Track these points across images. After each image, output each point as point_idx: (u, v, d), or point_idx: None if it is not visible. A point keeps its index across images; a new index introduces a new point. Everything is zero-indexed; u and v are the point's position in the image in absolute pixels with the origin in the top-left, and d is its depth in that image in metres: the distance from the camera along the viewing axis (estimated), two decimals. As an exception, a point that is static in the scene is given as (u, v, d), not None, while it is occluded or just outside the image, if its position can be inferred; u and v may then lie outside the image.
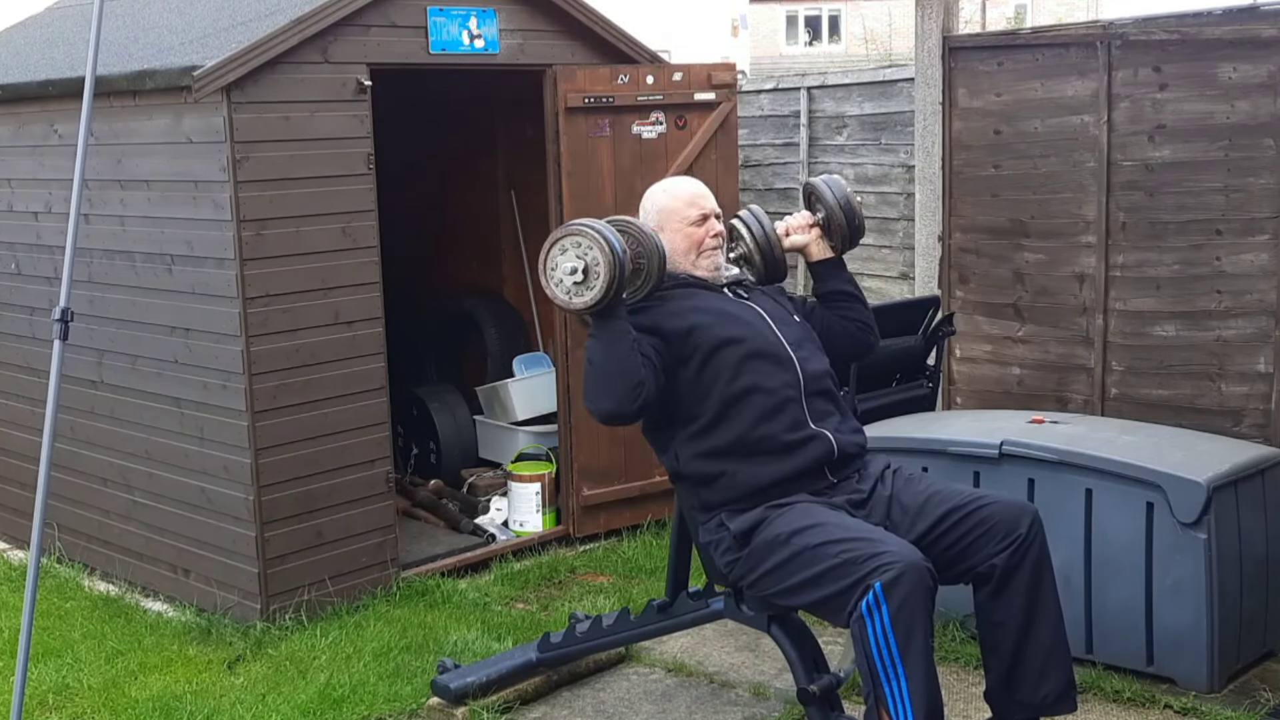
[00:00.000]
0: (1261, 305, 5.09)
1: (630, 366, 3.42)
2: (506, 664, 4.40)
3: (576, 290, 3.43)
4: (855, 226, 3.93)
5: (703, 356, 3.59)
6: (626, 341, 3.45)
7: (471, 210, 7.47)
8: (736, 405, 3.56)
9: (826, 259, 3.96)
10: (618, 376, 3.42)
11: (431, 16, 5.38)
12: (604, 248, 3.39)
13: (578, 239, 3.44)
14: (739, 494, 3.55)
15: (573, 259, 3.43)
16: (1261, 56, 5.01)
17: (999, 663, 3.50)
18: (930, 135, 5.97)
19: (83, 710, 4.50)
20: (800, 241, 3.94)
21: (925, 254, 6.07)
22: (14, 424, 6.20)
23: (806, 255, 3.97)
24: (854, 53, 28.13)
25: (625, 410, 3.44)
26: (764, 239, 3.87)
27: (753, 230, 3.89)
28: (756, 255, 3.89)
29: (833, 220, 3.91)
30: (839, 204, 3.89)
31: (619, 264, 3.39)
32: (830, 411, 3.66)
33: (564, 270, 3.43)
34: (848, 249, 3.98)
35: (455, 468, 6.74)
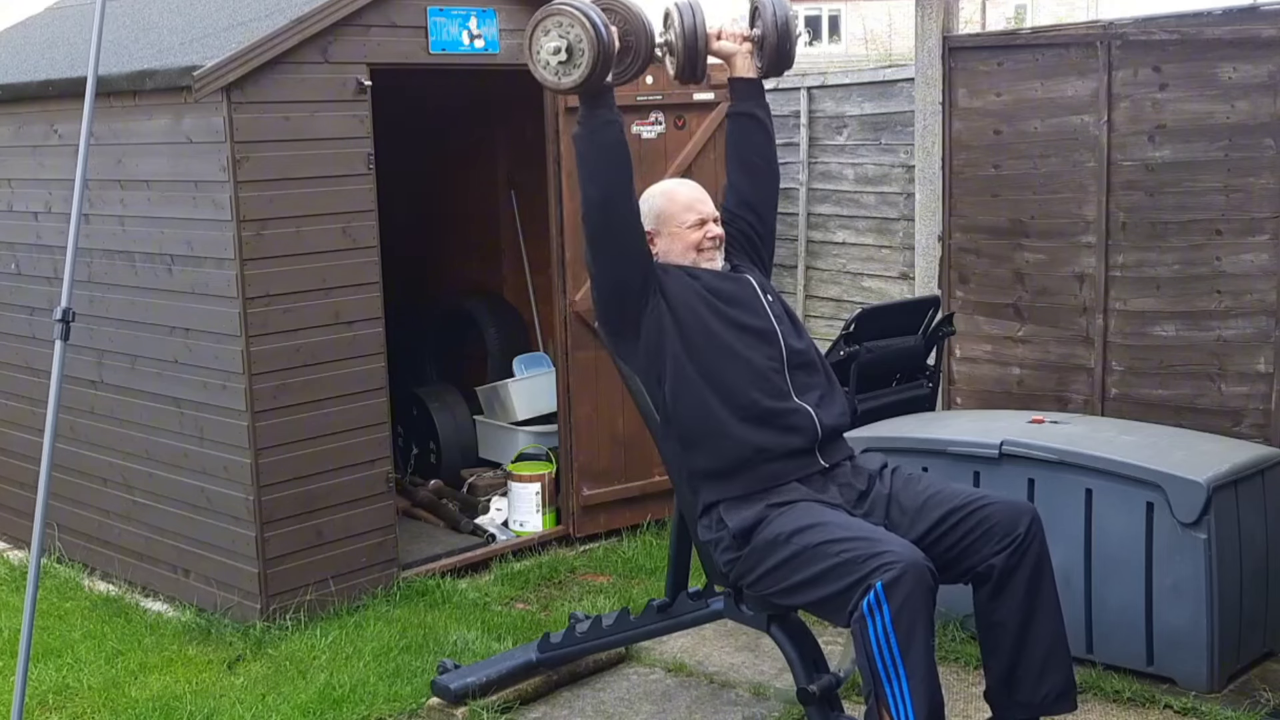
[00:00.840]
0: (1261, 305, 5.09)
1: (620, 154, 3.51)
2: (506, 664, 4.40)
3: (563, 70, 3.45)
4: (786, 51, 3.87)
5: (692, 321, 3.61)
6: (614, 128, 3.52)
7: (471, 210, 7.47)
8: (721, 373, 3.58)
9: (749, 77, 3.93)
10: (609, 162, 3.51)
11: (431, 16, 5.38)
12: (586, 25, 3.40)
13: (559, 18, 3.45)
14: (725, 463, 3.54)
15: (555, 38, 3.44)
16: (1261, 56, 5.01)
17: (999, 662, 3.50)
18: (930, 135, 5.97)
19: (83, 710, 4.50)
20: (729, 49, 3.89)
21: (925, 254, 6.07)
22: (14, 424, 6.19)
23: (731, 66, 3.93)
24: (854, 53, 28.10)
25: (619, 190, 3.52)
26: (692, 30, 3.76)
27: (684, 19, 3.77)
28: (681, 46, 3.77)
29: (766, 40, 3.86)
30: (776, 24, 3.84)
31: (602, 40, 3.41)
32: (812, 386, 3.66)
33: (548, 50, 3.44)
34: (773, 74, 3.95)
35: (455, 468, 6.74)
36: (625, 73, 3.67)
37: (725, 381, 3.57)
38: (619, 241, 3.60)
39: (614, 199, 3.54)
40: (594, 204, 3.57)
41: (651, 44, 3.68)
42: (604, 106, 3.52)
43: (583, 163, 3.56)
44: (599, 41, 3.40)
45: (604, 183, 3.53)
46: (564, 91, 3.52)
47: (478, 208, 7.43)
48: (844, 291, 7.64)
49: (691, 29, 3.75)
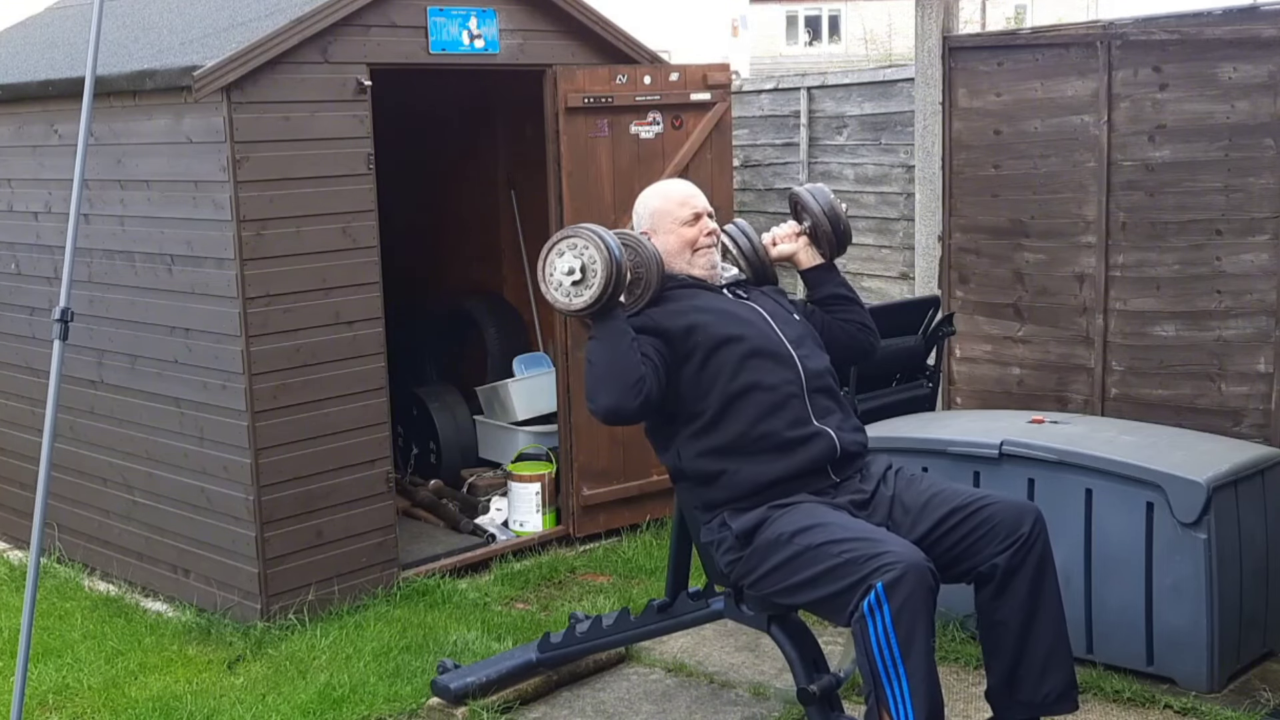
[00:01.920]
0: (1261, 305, 5.09)
1: (630, 363, 3.44)
2: (506, 664, 4.40)
3: (575, 291, 3.47)
4: (841, 232, 3.95)
5: (704, 354, 3.60)
6: (626, 339, 3.47)
7: (471, 210, 7.47)
8: (738, 402, 3.56)
9: (817, 265, 3.98)
10: (618, 374, 3.44)
11: (431, 16, 5.38)
12: (600, 247, 3.44)
13: (574, 240, 3.49)
14: (741, 492, 3.55)
15: (570, 260, 3.47)
16: (1261, 56, 5.01)
17: (1000, 662, 3.51)
18: (930, 135, 5.97)
19: (83, 710, 4.50)
20: (788, 250, 3.97)
21: (925, 254, 6.07)
22: (14, 424, 6.19)
23: (796, 264, 3.99)
24: (854, 53, 28.12)
25: (626, 407, 3.46)
26: (751, 251, 3.94)
27: (739, 244, 3.95)
28: (745, 268, 3.94)
29: (819, 228, 3.94)
30: (824, 211, 3.93)
31: (615, 263, 3.43)
32: (832, 409, 3.66)
33: (561, 271, 3.48)
34: (837, 255, 4.02)
35: (455, 468, 6.73)
36: (636, 304, 3.67)
37: (740, 420, 3.56)
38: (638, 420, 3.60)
39: (623, 409, 3.48)
40: (606, 413, 3.50)
41: (662, 281, 3.70)
42: (616, 318, 3.50)
43: (593, 371, 3.50)
44: (612, 262, 3.43)
45: (617, 396, 3.45)
46: (574, 312, 3.51)
47: (478, 208, 7.43)
48: (844, 291, 7.63)
49: (751, 249, 3.95)
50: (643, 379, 3.45)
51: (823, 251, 3.98)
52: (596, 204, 5.76)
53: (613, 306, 3.48)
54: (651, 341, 3.57)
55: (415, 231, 7.21)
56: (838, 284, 4.00)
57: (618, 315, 3.50)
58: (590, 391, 3.51)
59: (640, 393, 3.44)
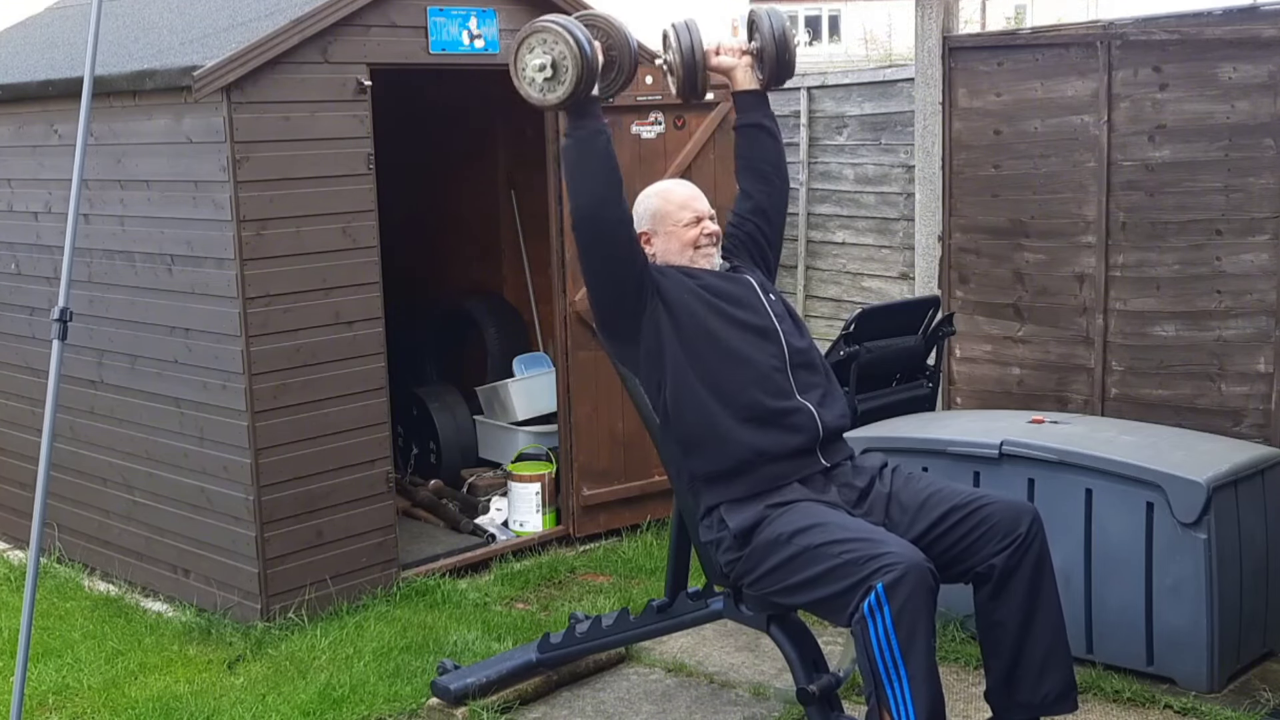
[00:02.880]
0: (1261, 305, 5.09)
1: (608, 163, 3.51)
2: (506, 664, 4.40)
3: (548, 86, 3.48)
4: (786, 61, 3.88)
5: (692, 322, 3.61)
6: (601, 139, 3.52)
7: (471, 210, 7.47)
8: (722, 372, 3.57)
9: (752, 89, 3.95)
10: (597, 171, 3.50)
11: (431, 16, 5.38)
12: (569, 42, 3.44)
13: (543, 35, 3.48)
14: (726, 465, 3.54)
15: (540, 55, 3.47)
16: (1261, 56, 5.01)
17: (999, 663, 3.50)
18: (930, 135, 5.97)
19: (83, 710, 4.50)
20: (728, 63, 3.91)
21: (925, 254, 6.07)
22: (14, 424, 6.19)
23: (732, 81, 3.95)
24: (854, 53, 28.09)
25: (605, 206, 3.51)
26: (690, 49, 3.80)
27: (681, 40, 3.81)
28: (680, 66, 3.81)
29: (765, 52, 3.88)
30: (774, 36, 3.86)
31: (586, 56, 3.43)
32: (815, 385, 3.66)
33: (533, 68, 3.48)
34: (775, 85, 3.96)
35: (455, 468, 6.74)
36: (610, 87, 3.69)
37: (726, 383, 3.57)
38: (611, 248, 3.60)
39: (604, 208, 3.54)
40: (584, 213, 3.57)
41: (635, 60, 3.70)
42: (591, 117, 3.54)
43: (571, 173, 3.57)
44: (583, 57, 3.43)
45: (593, 192, 3.53)
46: (550, 107, 3.55)
47: (478, 208, 7.43)
48: (844, 291, 7.64)
49: (690, 47, 3.79)
50: (622, 184, 3.51)
51: (760, 77, 3.93)
52: (596, 204, 5.75)
53: (586, 99, 3.49)
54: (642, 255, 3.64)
55: (415, 231, 7.21)
56: (765, 114, 3.97)
57: (592, 111, 3.52)
58: (570, 192, 3.56)
59: (620, 199, 3.51)
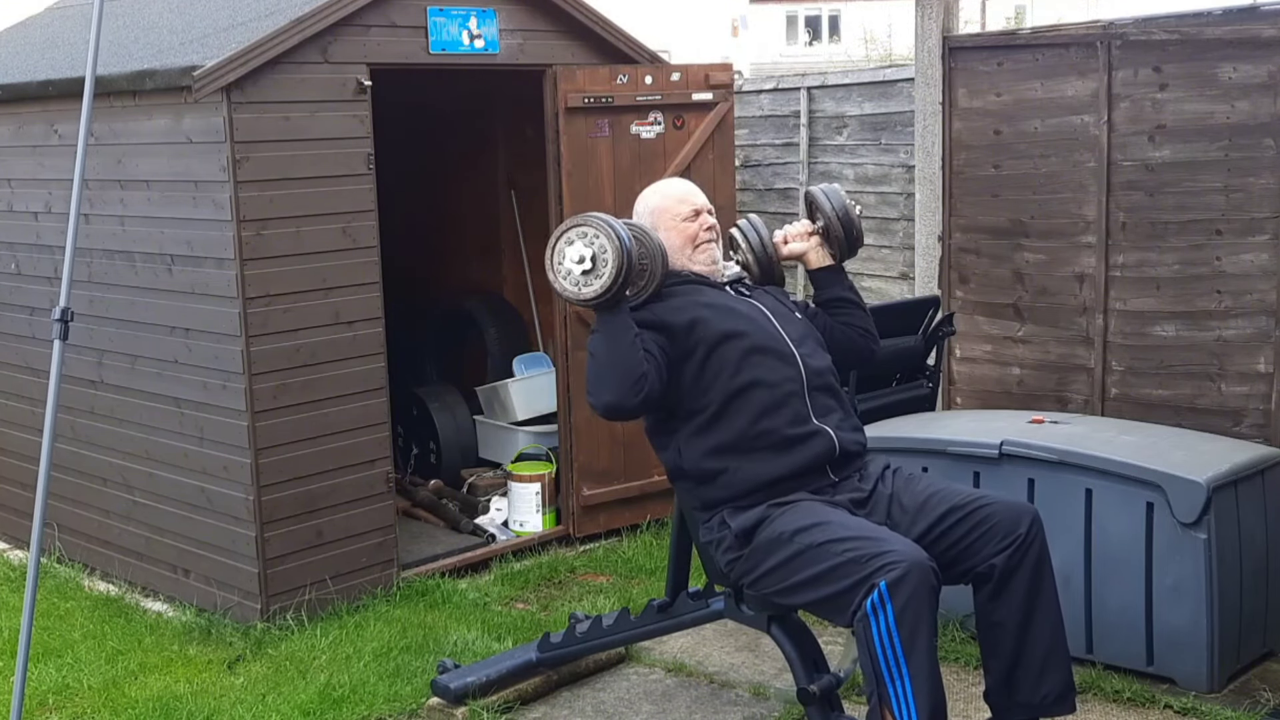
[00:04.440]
0: (1261, 305, 5.09)
1: (633, 359, 3.44)
2: (506, 664, 4.40)
3: (585, 280, 3.45)
4: (854, 236, 3.96)
5: (705, 350, 3.60)
6: (629, 335, 3.47)
7: (471, 210, 7.47)
8: (739, 399, 3.57)
9: (826, 266, 3.99)
10: (620, 369, 3.44)
11: (431, 16, 5.38)
12: (611, 236, 3.43)
13: (584, 229, 3.48)
14: (741, 490, 3.55)
15: (580, 248, 3.46)
16: (1261, 56, 5.01)
17: (998, 663, 3.50)
18: (930, 135, 5.97)
19: (83, 710, 4.50)
20: (799, 249, 3.97)
21: (925, 254, 6.07)
22: (14, 424, 6.19)
23: (805, 263, 4.00)
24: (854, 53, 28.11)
25: (627, 403, 3.46)
26: (760, 247, 3.93)
27: (750, 239, 3.95)
28: (754, 264, 3.94)
29: (831, 230, 3.95)
30: (837, 214, 3.93)
31: (626, 252, 3.42)
32: (832, 408, 3.66)
33: (572, 259, 3.46)
34: (847, 257, 4.02)
35: (455, 468, 6.73)
36: (640, 294, 3.67)
37: (741, 418, 3.56)
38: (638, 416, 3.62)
39: (623, 407, 3.48)
40: (605, 411, 3.51)
41: (666, 272, 3.71)
42: (623, 314, 3.49)
43: (595, 366, 3.49)
44: (623, 250, 3.41)
45: (616, 393, 3.45)
46: (586, 301, 3.47)
47: (478, 208, 7.43)
48: (844, 291, 7.62)
49: (759, 244, 3.93)
50: (644, 375, 3.45)
51: (833, 253, 3.98)
52: (597, 204, 5.75)
53: (620, 298, 3.48)
54: (654, 337, 3.57)
55: (415, 231, 7.21)
56: (845, 287, 4.01)
57: (623, 309, 3.50)
58: (591, 386, 3.50)
59: (641, 390, 3.44)
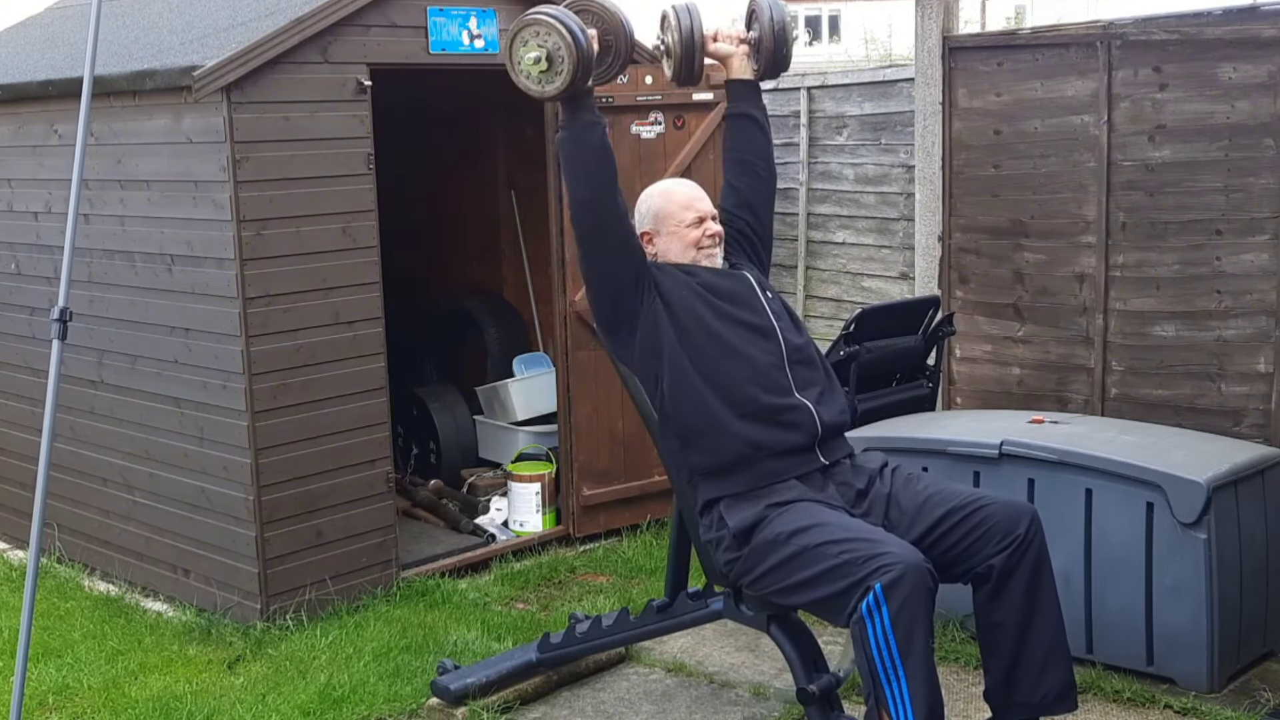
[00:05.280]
0: (1261, 305, 5.09)
1: (604, 155, 3.54)
2: (506, 664, 4.40)
3: (544, 79, 3.49)
4: (782, 54, 3.89)
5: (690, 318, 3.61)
6: (598, 130, 3.55)
7: (471, 210, 7.47)
8: (720, 367, 3.58)
9: (745, 79, 3.96)
10: (592, 163, 3.53)
11: (431, 16, 5.37)
12: (564, 32, 3.44)
13: (536, 28, 3.48)
14: (724, 459, 3.54)
15: (534, 48, 3.47)
16: (1261, 56, 5.00)
17: (998, 663, 3.50)
18: (930, 135, 5.97)
19: (83, 710, 4.50)
20: (724, 50, 3.92)
21: (925, 254, 6.07)
22: (14, 424, 6.20)
23: (727, 68, 3.95)
24: (854, 53, 28.09)
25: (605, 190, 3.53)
26: (689, 33, 3.79)
27: (680, 20, 3.80)
28: (678, 47, 3.80)
29: (763, 43, 3.88)
30: (773, 28, 3.86)
31: (580, 46, 3.44)
32: (814, 382, 3.66)
33: (528, 61, 3.48)
34: (769, 76, 3.97)
35: (455, 468, 6.73)
36: (607, 72, 3.70)
37: (724, 379, 3.57)
38: (609, 240, 3.62)
39: (601, 199, 3.56)
40: (582, 204, 3.59)
41: (631, 41, 3.71)
42: (586, 109, 3.56)
43: (568, 165, 3.60)
44: (578, 48, 3.44)
45: (590, 183, 3.55)
46: (547, 99, 3.56)
47: (478, 208, 7.42)
48: (844, 291, 7.64)
49: (689, 30, 3.78)
50: (616, 175, 3.54)
51: (755, 68, 3.94)
52: (596, 204, 5.76)
53: (583, 89, 3.50)
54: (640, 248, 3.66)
55: (415, 231, 7.21)
56: (757, 106, 3.98)
57: (588, 104, 3.54)
58: (569, 183, 3.59)
59: (617, 187, 3.54)
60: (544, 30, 3.45)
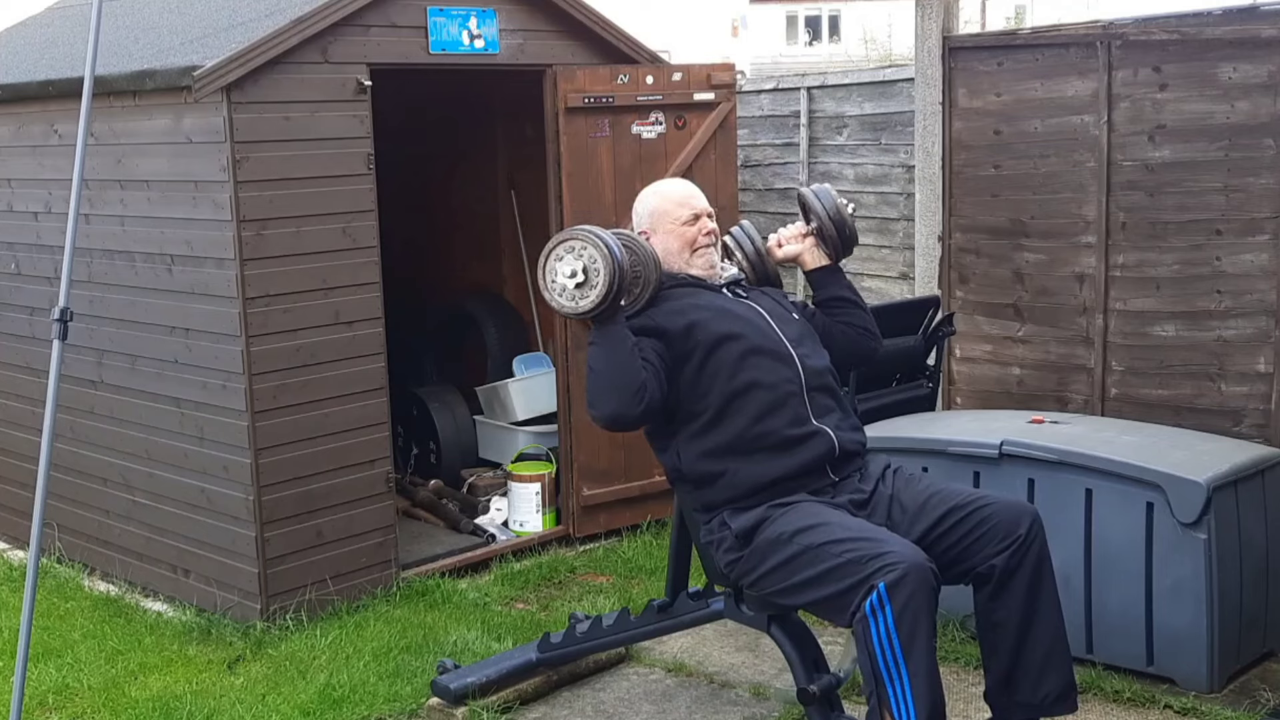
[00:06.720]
0: (1261, 305, 5.09)
1: (632, 370, 3.44)
2: (506, 664, 4.40)
3: (578, 294, 3.45)
4: (846, 235, 3.96)
5: (703, 353, 3.60)
6: (627, 345, 3.47)
7: (471, 210, 7.47)
8: (737, 401, 3.57)
9: (822, 266, 3.99)
10: (620, 380, 3.44)
11: (431, 16, 5.38)
12: (602, 249, 3.43)
13: (573, 243, 3.47)
14: (741, 492, 3.55)
15: (571, 263, 3.45)
16: (1261, 56, 5.01)
17: (999, 663, 3.50)
18: (930, 135, 5.97)
19: (83, 710, 4.50)
20: (793, 252, 3.98)
21: (925, 254, 6.07)
22: (14, 424, 6.19)
23: (801, 264, 4.00)
24: (854, 53, 28.12)
25: (628, 414, 3.45)
26: (754, 254, 3.96)
27: (744, 247, 3.97)
28: (749, 269, 3.97)
29: (824, 230, 3.95)
30: (829, 213, 3.93)
31: (617, 265, 3.42)
32: (831, 408, 3.66)
33: (564, 275, 3.45)
34: (842, 257, 4.03)
35: (455, 468, 6.73)
36: (635, 303, 3.66)
37: (740, 419, 3.56)
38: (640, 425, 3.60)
39: (624, 417, 3.47)
40: (605, 423, 3.51)
41: (660, 279, 3.70)
42: (619, 324, 3.49)
43: (595, 381, 3.48)
44: (613, 261, 3.41)
45: (616, 403, 3.44)
46: (582, 314, 3.47)
47: (478, 208, 7.42)
48: (844, 291, 7.62)
49: (754, 252, 3.97)
50: (644, 385, 3.44)
51: (828, 253, 3.98)
52: (597, 204, 5.76)
53: (615, 309, 3.47)
54: (652, 344, 3.57)
55: (415, 231, 7.21)
56: (842, 286, 4.01)
57: (619, 319, 3.50)
58: (592, 399, 3.50)
59: (642, 400, 3.44)
60: (579, 245, 3.45)
